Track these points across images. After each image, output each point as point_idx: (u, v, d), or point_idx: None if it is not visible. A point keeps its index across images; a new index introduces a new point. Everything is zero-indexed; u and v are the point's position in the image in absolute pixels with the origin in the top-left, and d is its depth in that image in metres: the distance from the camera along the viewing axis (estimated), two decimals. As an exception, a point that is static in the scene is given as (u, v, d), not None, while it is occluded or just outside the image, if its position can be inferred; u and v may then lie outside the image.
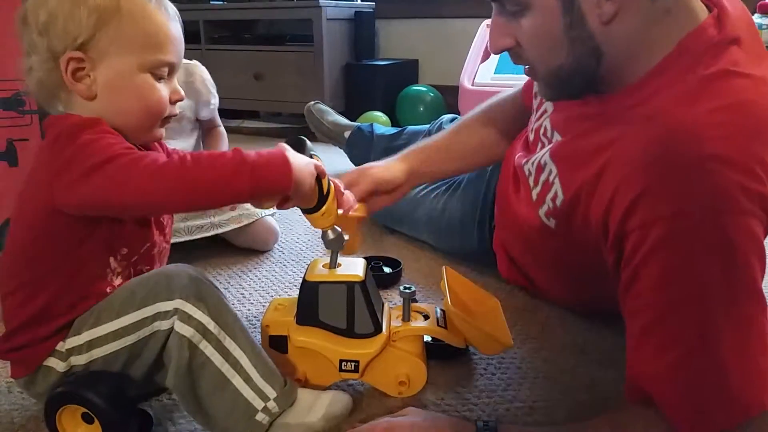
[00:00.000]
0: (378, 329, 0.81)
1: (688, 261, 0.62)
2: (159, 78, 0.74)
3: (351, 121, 2.02)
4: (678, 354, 0.63)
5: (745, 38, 0.70)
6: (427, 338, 0.90)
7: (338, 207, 0.77)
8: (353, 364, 0.80)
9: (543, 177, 0.88)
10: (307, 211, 0.76)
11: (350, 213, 0.80)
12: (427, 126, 1.62)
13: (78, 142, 0.67)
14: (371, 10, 2.96)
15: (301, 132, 0.77)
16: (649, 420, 0.65)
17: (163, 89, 0.74)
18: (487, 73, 2.35)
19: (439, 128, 1.58)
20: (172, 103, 0.76)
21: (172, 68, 0.75)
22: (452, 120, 1.60)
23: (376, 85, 2.77)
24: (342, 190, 0.79)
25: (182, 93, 0.77)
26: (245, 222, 1.33)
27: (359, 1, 2.99)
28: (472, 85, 2.35)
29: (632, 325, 0.68)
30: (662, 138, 0.65)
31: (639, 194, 0.65)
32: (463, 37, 2.67)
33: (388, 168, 1.01)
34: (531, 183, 0.92)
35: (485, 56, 2.43)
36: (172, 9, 0.75)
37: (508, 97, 1.16)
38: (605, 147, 0.73)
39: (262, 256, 1.36)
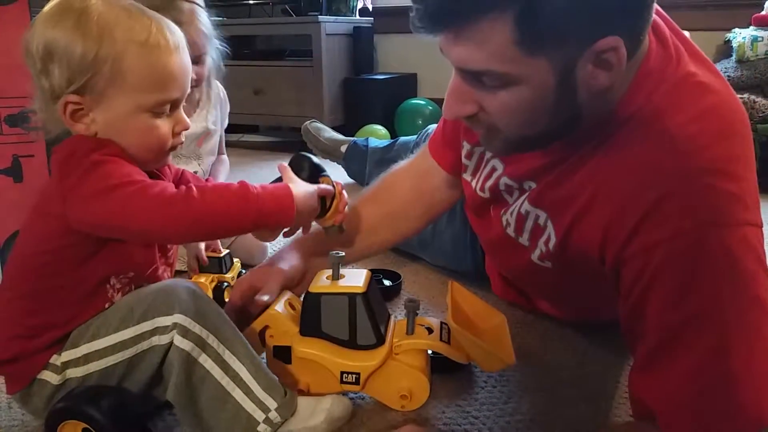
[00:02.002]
0: (380, 341, 0.81)
1: (692, 280, 0.62)
2: (160, 115, 0.72)
3: (350, 135, 2.05)
4: (685, 370, 0.63)
5: (683, 45, 0.72)
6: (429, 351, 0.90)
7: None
8: (354, 376, 0.81)
9: (529, 224, 0.85)
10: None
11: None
12: (415, 137, 1.63)
13: (90, 160, 0.68)
14: (370, 25, 2.99)
15: (299, 148, 0.79)
16: None
17: (163, 125, 0.73)
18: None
19: (425, 139, 1.59)
20: (176, 134, 0.75)
21: (175, 103, 0.73)
22: None
23: (375, 99, 2.79)
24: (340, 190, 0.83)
25: (188, 122, 0.75)
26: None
27: (358, 17, 3.02)
28: (470, 99, 2.36)
29: (638, 347, 0.68)
30: (645, 164, 0.66)
31: (635, 224, 0.66)
32: (461, 51, 2.69)
33: (288, 261, 0.93)
34: (512, 233, 0.89)
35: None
36: (176, 38, 0.72)
37: (404, 171, 1.08)
38: (589, 180, 0.73)
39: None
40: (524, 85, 0.64)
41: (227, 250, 1.20)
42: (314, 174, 0.83)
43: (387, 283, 1.23)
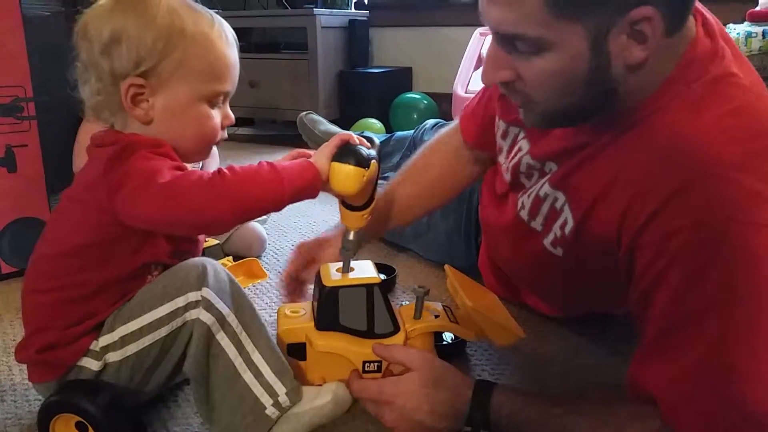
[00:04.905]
0: (396, 328, 0.82)
1: (706, 272, 0.62)
2: (214, 105, 0.75)
3: (345, 128, 2.03)
4: (690, 360, 0.62)
5: (727, 42, 0.71)
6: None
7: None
8: (376, 364, 0.82)
9: (545, 208, 0.84)
10: (350, 207, 0.79)
11: None
12: (412, 132, 1.63)
13: (135, 158, 0.68)
14: (365, 18, 2.98)
15: (294, 142, 0.78)
16: (646, 424, 0.65)
17: (216, 116, 0.75)
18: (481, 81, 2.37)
19: (423, 134, 1.59)
20: (223, 128, 0.77)
21: (227, 96, 0.76)
22: (434, 125, 1.61)
23: (370, 92, 2.78)
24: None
25: (233, 118, 0.78)
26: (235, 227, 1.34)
27: (353, 10, 3.01)
28: (466, 93, 2.37)
29: (645, 334, 0.67)
30: (674, 149, 0.65)
31: (655, 208, 0.65)
32: (456, 45, 2.69)
33: (337, 239, 0.96)
34: (525, 216, 0.88)
35: (478, 64, 2.45)
36: (231, 34, 0.76)
37: (436, 149, 1.12)
38: (613, 163, 0.72)
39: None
40: (557, 51, 0.64)
41: (217, 241, 1.21)
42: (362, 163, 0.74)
43: (382, 276, 1.23)
